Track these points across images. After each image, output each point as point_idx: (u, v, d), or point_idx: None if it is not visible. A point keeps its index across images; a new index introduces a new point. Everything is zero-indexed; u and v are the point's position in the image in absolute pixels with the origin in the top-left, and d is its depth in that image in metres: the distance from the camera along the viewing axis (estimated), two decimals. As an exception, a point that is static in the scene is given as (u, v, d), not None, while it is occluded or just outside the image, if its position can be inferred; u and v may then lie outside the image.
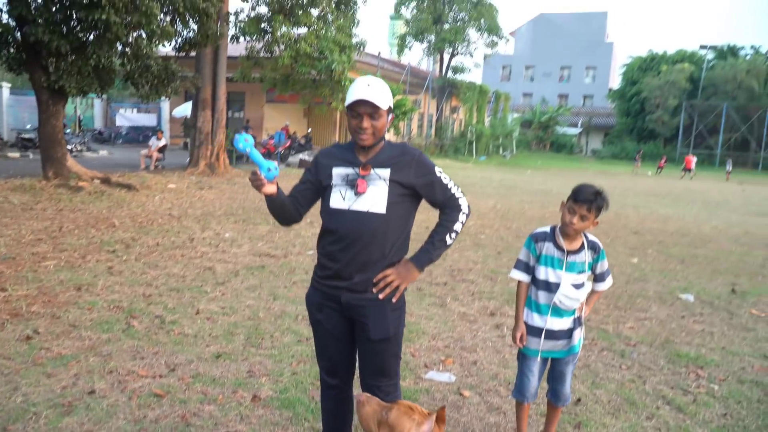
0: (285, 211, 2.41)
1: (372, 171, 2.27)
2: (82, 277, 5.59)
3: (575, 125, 50.30)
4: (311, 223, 9.39)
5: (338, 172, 2.31)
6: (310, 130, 25.83)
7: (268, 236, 8.21)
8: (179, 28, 11.34)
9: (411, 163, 2.29)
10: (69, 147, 14.92)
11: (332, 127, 27.76)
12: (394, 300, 2.27)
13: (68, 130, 21.60)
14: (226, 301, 5.12)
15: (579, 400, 3.49)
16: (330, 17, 16.27)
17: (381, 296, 2.25)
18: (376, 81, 2.24)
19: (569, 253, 2.64)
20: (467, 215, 2.34)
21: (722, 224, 12.42)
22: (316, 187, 2.39)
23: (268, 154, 22.15)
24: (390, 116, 2.30)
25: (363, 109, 2.21)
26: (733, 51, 44.55)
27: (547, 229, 2.72)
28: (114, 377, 3.49)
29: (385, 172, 2.26)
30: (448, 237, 2.32)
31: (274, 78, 17.04)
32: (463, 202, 2.34)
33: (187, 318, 4.60)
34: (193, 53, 13.42)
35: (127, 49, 11.00)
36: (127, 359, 3.77)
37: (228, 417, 3.09)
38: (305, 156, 21.14)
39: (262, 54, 16.38)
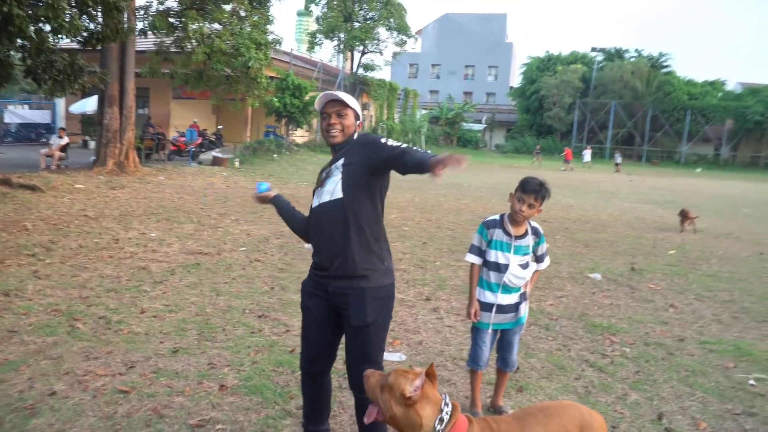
0: (293, 221, 2.76)
1: (332, 166, 2.51)
2: (7, 282, 5.35)
3: (480, 121, 52.42)
4: (237, 221, 9.39)
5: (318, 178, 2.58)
6: (221, 127, 25.27)
7: (195, 234, 8.13)
8: (86, 21, 10.79)
9: (360, 144, 2.47)
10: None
11: (243, 124, 27.28)
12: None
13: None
14: (169, 298, 5.13)
15: (517, 368, 3.90)
16: (243, 13, 16.02)
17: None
18: (341, 92, 2.53)
19: (516, 237, 3.01)
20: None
21: (617, 211, 13.66)
22: None
23: (178, 151, 21.51)
24: (358, 122, 2.54)
25: (331, 107, 2.48)
26: (619, 53, 48.34)
27: (497, 217, 3.08)
28: (71, 378, 3.48)
29: (340, 162, 2.48)
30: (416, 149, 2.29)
31: (185, 74, 16.54)
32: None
33: (133, 317, 4.59)
34: (98, 47, 12.79)
35: (28, 43, 10.32)
36: (80, 360, 3.74)
37: (200, 406, 3.21)
38: (218, 153, 20.69)
39: (172, 49, 15.84)
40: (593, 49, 49.05)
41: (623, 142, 44.79)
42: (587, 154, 35.11)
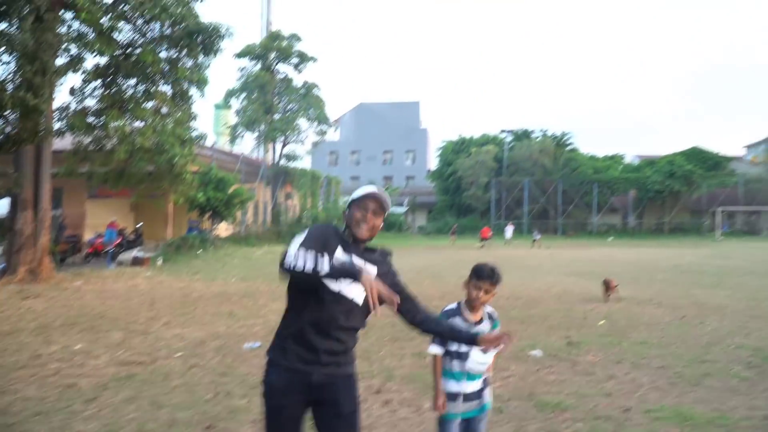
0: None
1: (365, 263, 2.52)
2: None
3: (401, 204, 53.91)
4: (168, 324, 8.98)
5: (339, 254, 2.48)
6: (141, 224, 24.46)
7: (125, 343, 7.66)
8: (2, 124, 10.47)
9: (388, 264, 2.67)
10: None
11: (164, 220, 26.61)
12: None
13: None
14: (105, 418, 4.75)
15: (481, 457, 3.88)
16: (165, 110, 16.05)
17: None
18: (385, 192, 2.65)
19: (474, 323, 3.11)
20: None
21: (544, 286, 14.18)
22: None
23: (95, 254, 20.50)
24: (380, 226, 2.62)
25: (372, 204, 2.54)
26: (527, 134, 52.08)
27: (454, 305, 3.18)
28: None
29: (374, 270, 2.53)
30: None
31: (105, 173, 16.13)
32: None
33: (67, 443, 4.21)
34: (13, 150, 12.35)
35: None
36: (10, 500, 3.37)
37: None
38: (138, 253, 19.91)
39: (91, 148, 15.48)
40: (503, 131, 52.64)
41: (539, 217, 47.35)
42: (509, 231, 36.57)
